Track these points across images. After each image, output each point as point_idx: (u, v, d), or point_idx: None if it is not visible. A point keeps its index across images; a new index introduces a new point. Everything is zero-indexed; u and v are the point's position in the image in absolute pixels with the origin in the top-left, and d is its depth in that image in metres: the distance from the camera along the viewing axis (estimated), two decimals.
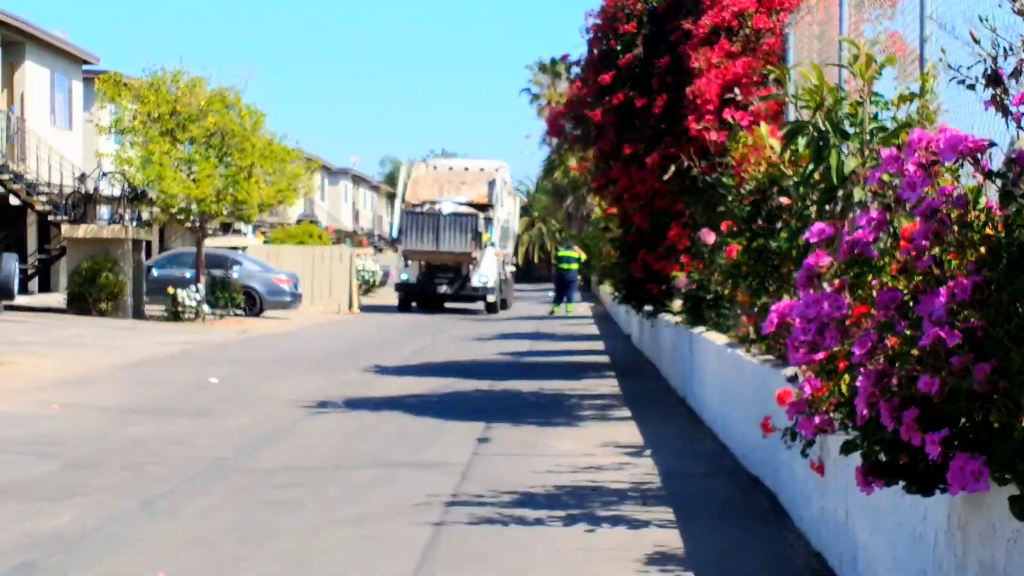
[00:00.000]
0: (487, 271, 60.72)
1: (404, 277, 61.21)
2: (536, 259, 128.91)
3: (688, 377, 22.01)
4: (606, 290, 66.04)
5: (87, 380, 26.10)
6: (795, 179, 11.98)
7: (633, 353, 35.38)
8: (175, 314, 45.51)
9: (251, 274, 51.59)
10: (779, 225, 12.73)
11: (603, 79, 21.31)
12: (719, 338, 18.72)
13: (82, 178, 50.68)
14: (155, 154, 45.19)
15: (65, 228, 47.79)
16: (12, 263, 41.19)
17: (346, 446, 17.80)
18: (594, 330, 48.35)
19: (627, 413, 21.09)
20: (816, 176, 11.14)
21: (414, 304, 61.99)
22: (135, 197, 48.93)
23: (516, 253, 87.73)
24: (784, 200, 12.76)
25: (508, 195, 68.44)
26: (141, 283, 47.52)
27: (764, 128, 12.48)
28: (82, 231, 47.09)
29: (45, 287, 56.25)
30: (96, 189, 50.04)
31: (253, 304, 50.24)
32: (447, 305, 62.50)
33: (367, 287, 64.20)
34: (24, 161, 49.04)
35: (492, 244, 61.32)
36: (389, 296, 68.55)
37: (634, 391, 24.80)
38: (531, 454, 16.87)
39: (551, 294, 78.79)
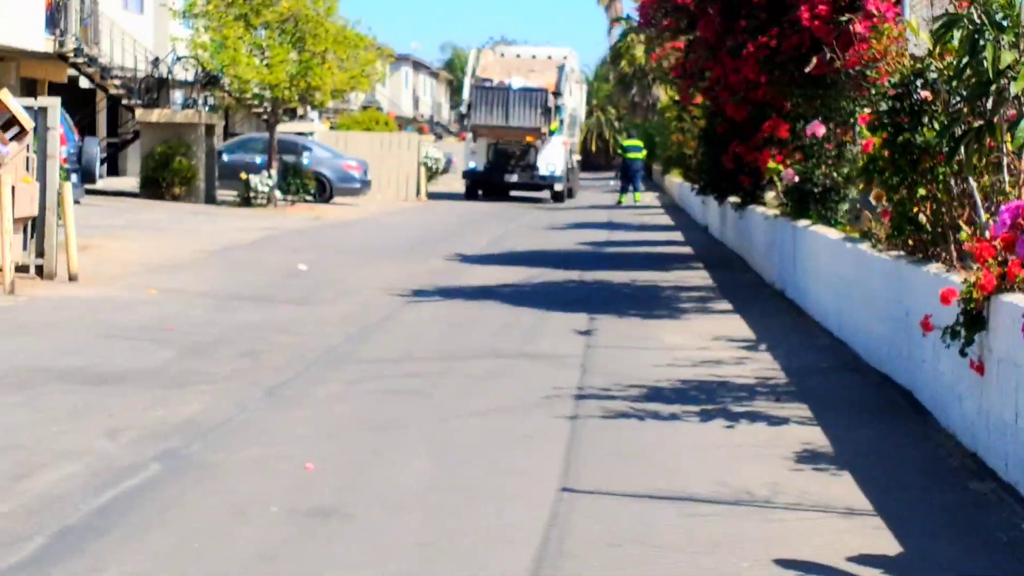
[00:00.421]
0: (554, 159, 60.35)
1: (472, 165, 61.03)
2: (594, 148, 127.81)
3: (788, 270, 21.79)
4: (673, 179, 65.50)
5: (177, 265, 26.01)
6: (948, 72, 11.72)
7: (716, 245, 35.15)
8: (247, 199, 45.50)
9: (321, 160, 51.45)
10: (925, 120, 12.45)
11: None
12: (831, 232, 18.50)
13: (155, 62, 50.58)
14: (229, 39, 44.88)
15: (139, 112, 47.62)
16: (95, 147, 40.81)
17: (453, 336, 17.71)
18: (667, 220, 48.09)
19: (727, 306, 20.93)
20: (968, 71, 10.92)
21: (480, 192, 61.60)
22: (208, 82, 48.84)
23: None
24: (926, 94, 12.52)
25: (576, 83, 68.08)
26: (213, 168, 47.34)
27: (914, 20, 12.10)
28: (156, 115, 47.00)
29: (113, 171, 55.93)
30: (170, 73, 50.01)
31: (323, 190, 50.07)
32: (512, 194, 62.07)
33: (430, 175, 63.68)
34: (97, 44, 48.50)
35: (560, 131, 60.91)
36: (452, 183, 68.25)
37: (727, 283, 24.60)
38: (643, 347, 16.74)
39: (612, 183, 78.31)
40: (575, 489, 9.59)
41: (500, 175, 60.20)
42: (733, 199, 31.81)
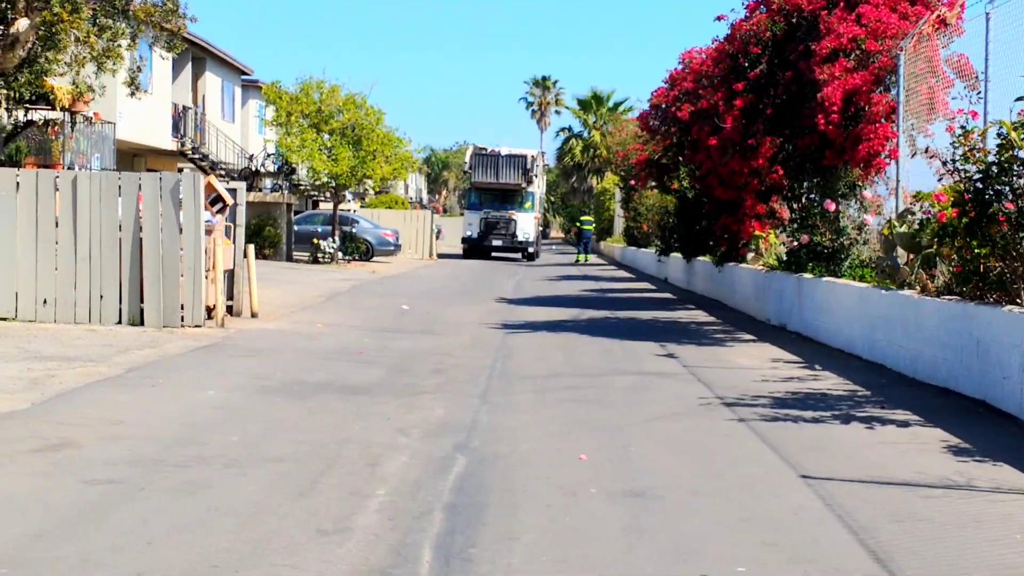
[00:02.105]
0: (528, 229, 60.76)
1: (468, 233, 61.22)
2: None
3: (790, 310, 21.28)
4: (612, 244, 65.34)
5: (308, 306, 25.40)
6: None
7: (686, 292, 34.23)
8: (316, 259, 45.21)
9: (365, 230, 51.52)
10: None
11: (736, 87, 20.65)
12: (853, 283, 18.05)
13: (250, 158, 50.88)
14: (306, 142, 44.98)
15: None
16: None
17: (571, 359, 17.13)
18: (626, 275, 47.48)
19: (752, 337, 20.34)
20: None
21: (472, 253, 61.33)
22: (290, 172, 49.09)
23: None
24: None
25: (540, 174, 68.01)
26: (291, 235, 47.13)
27: (1015, 134, 11.55)
28: (251, 196, 46.53)
29: None
30: (262, 165, 50.24)
31: (367, 252, 49.82)
32: (493, 255, 61.78)
33: None
34: (205, 144, 48.68)
35: (532, 209, 61.23)
36: (442, 247, 67.60)
37: (731, 320, 24.08)
38: (727, 367, 16.23)
39: (554, 247, 78.20)
40: (812, 476, 9.09)
41: (488, 240, 60.17)
42: (703, 258, 31.51)
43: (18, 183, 19.38)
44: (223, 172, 47.60)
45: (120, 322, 19.15)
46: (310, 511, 7.79)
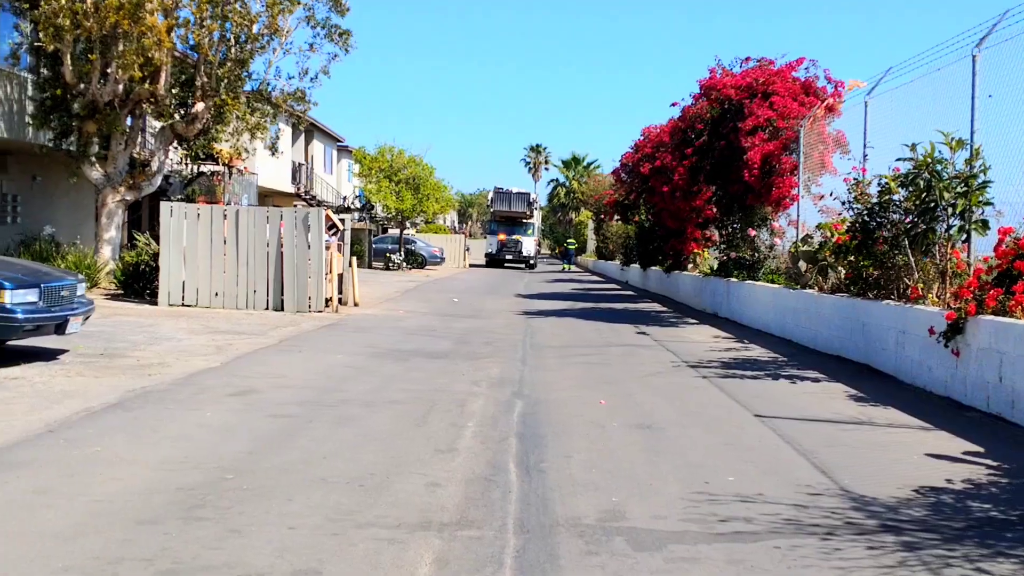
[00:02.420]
0: (530, 248, 60.55)
1: (490, 250, 60.90)
2: None
3: (720, 303, 21.18)
4: (586, 259, 65.05)
5: (390, 298, 25.27)
6: (908, 201, 11.18)
7: (643, 290, 34.26)
8: (387, 267, 44.91)
9: (420, 247, 51.19)
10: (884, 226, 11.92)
11: (687, 151, 20.52)
12: (768, 284, 17.93)
13: (344, 199, 50.56)
14: (382, 187, 44.81)
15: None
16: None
17: (577, 335, 16.92)
18: (596, 279, 47.15)
19: (694, 320, 20.22)
20: (918, 201, 10.46)
21: (492, 264, 61.06)
22: (371, 208, 48.82)
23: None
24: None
25: (538, 209, 67.87)
26: (371, 251, 46.89)
27: (893, 183, 11.41)
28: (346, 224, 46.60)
29: None
30: (353, 203, 50.09)
31: (422, 263, 49.53)
32: (506, 265, 61.42)
33: None
34: (313, 188, 48.38)
35: (532, 235, 61.07)
36: (471, 260, 66.90)
37: (678, 309, 23.96)
38: (685, 340, 16.07)
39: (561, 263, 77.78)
40: (763, 415, 9.01)
41: (503, 255, 59.96)
42: (655, 268, 31.34)
43: (199, 214, 19.34)
44: (327, 207, 47.47)
45: (268, 308, 19.08)
46: (426, 436, 7.73)
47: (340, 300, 21.10)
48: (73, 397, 8.83)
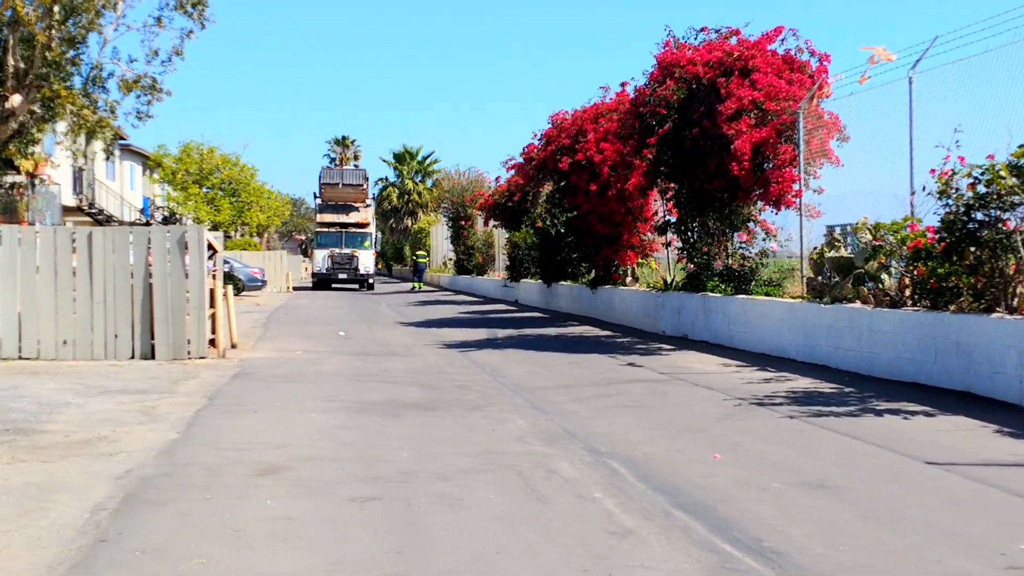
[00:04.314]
0: (368, 264, 59.64)
1: (318, 268, 59.59)
2: None
3: (693, 323, 21.27)
4: (437, 274, 64.68)
5: (260, 336, 24.34)
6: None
7: (549, 310, 33.88)
8: None
9: (237, 268, 49.70)
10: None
11: (650, 141, 20.52)
12: (781, 299, 18.07)
13: (143, 211, 48.63)
14: (192, 196, 43.51)
15: None
16: None
17: (552, 371, 16.48)
18: (470, 298, 46.72)
19: (669, 346, 20.20)
20: None
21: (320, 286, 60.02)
22: (174, 221, 47.06)
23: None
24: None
25: (376, 218, 67.28)
26: None
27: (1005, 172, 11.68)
28: None
29: None
30: (150, 217, 48.09)
31: (240, 288, 48.26)
32: (334, 286, 60.41)
33: None
34: (97, 199, 46.42)
35: (371, 247, 60.31)
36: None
37: (627, 332, 23.92)
38: (697, 372, 15.89)
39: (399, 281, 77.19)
40: (938, 463, 9.04)
41: (335, 274, 58.90)
42: (566, 283, 31.45)
43: (37, 239, 18.19)
44: (118, 223, 45.59)
45: (134, 356, 18.21)
46: (566, 516, 7.38)
47: (211, 342, 20.20)
48: (58, 492, 8.02)
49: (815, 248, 17.08)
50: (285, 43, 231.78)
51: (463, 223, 51.47)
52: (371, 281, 60.21)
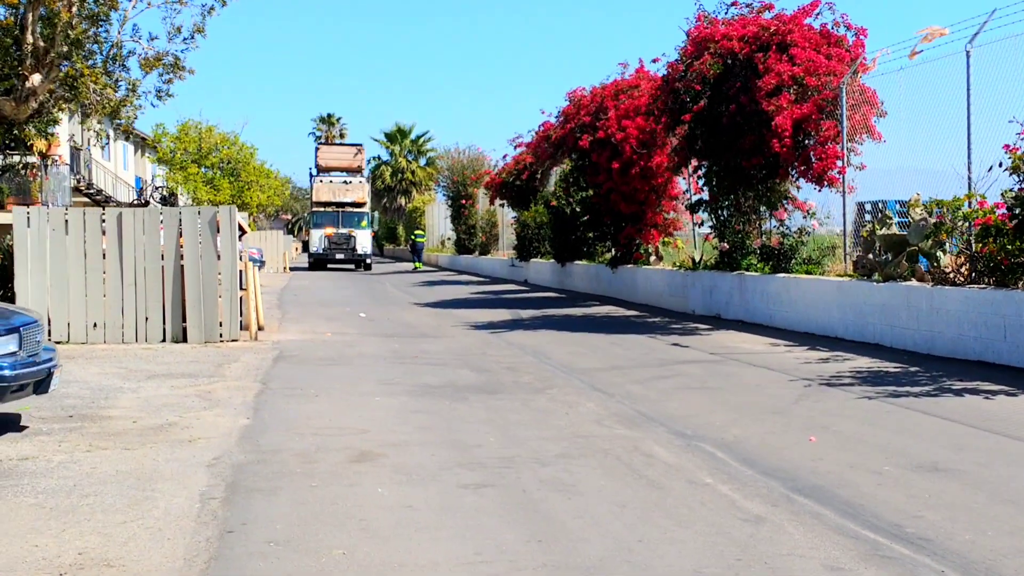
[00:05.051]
0: (366, 244, 59.27)
1: (314, 249, 59.15)
2: None
3: (725, 302, 21.12)
4: (437, 254, 64.29)
5: (281, 318, 24.09)
6: None
7: (564, 290, 33.55)
8: None
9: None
10: None
11: (684, 118, 20.31)
12: (829, 277, 17.90)
13: (139, 193, 48.12)
14: (191, 176, 43.05)
15: None
16: None
17: (606, 352, 16.37)
18: (474, 278, 46.24)
19: (706, 326, 19.98)
20: None
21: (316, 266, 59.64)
22: (173, 201, 46.69)
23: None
24: None
25: (372, 198, 67.06)
26: None
27: None
28: None
29: None
30: (150, 197, 47.63)
31: None
32: (330, 267, 59.98)
33: None
34: (93, 179, 45.90)
35: (367, 227, 60.00)
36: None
37: (654, 312, 23.79)
38: (748, 352, 15.79)
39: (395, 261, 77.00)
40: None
41: (332, 255, 58.44)
42: (581, 262, 31.27)
43: (67, 221, 17.95)
44: (115, 203, 45.15)
45: (165, 340, 18.04)
46: (691, 504, 7.23)
47: (241, 324, 20.00)
48: (156, 482, 7.85)
49: (864, 226, 16.93)
50: (270, 20, 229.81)
51: (464, 202, 51.14)
52: (368, 261, 59.80)
